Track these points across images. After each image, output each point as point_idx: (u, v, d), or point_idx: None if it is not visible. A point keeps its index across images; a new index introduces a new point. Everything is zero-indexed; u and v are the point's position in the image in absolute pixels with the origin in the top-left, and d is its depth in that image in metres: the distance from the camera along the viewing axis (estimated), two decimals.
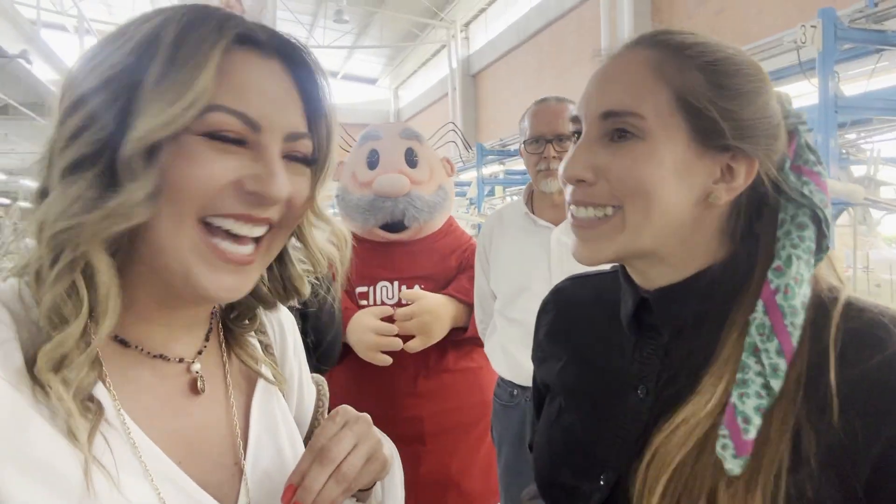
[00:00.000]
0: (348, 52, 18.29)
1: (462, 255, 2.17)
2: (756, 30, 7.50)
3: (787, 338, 0.59)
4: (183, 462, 0.58)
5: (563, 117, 1.76)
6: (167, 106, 0.52)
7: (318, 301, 1.65)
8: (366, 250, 2.14)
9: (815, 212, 0.63)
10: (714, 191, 0.64)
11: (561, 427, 0.77)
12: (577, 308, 0.85)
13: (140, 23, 0.56)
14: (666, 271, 0.68)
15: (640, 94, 0.64)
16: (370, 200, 2.07)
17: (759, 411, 0.58)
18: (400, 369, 2.00)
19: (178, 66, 0.53)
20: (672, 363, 0.68)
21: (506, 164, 5.97)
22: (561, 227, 1.79)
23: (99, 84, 0.53)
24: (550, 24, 11.68)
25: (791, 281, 0.60)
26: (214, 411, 0.64)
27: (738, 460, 0.57)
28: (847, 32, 2.59)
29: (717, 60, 0.64)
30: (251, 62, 0.57)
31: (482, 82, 15.08)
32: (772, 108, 0.65)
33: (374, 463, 0.64)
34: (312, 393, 0.80)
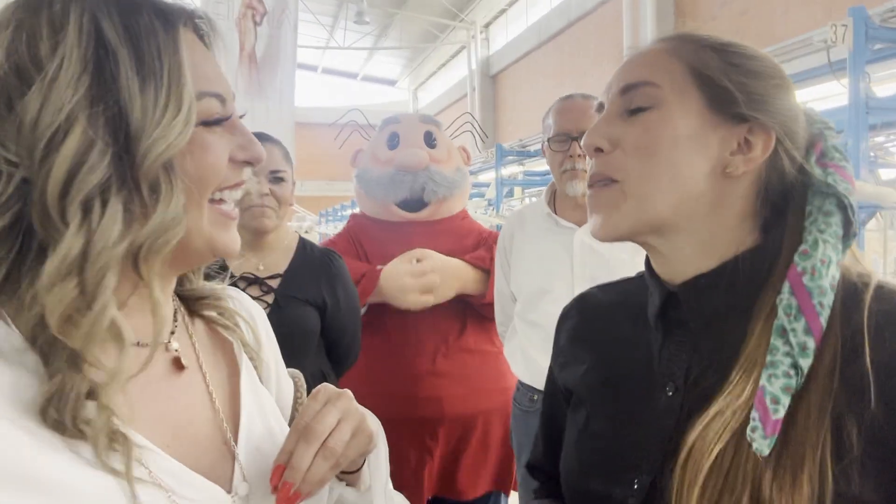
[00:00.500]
0: (368, 53, 18.35)
1: (479, 237, 2.21)
2: (781, 31, 7.39)
3: (816, 317, 0.59)
4: (171, 446, 0.57)
5: (590, 114, 1.72)
6: (171, 119, 0.52)
7: (336, 297, 1.65)
8: (382, 230, 2.18)
9: (840, 199, 0.63)
10: (731, 162, 0.66)
11: (589, 434, 0.76)
12: (600, 313, 0.84)
13: (54, 21, 0.51)
14: (690, 254, 0.68)
15: (655, 68, 0.69)
16: (391, 175, 2.12)
17: (786, 391, 0.57)
18: (419, 347, 2.01)
19: (153, 68, 0.53)
20: (701, 358, 0.67)
21: (525, 165, 5.92)
22: (584, 227, 1.76)
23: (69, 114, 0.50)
24: (571, 24, 11.60)
25: (818, 262, 0.61)
26: (196, 392, 0.64)
27: (766, 440, 0.56)
28: (878, 32, 2.53)
29: (731, 43, 0.69)
30: (189, 37, 0.58)
31: (502, 83, 15.03)
32: (791, 96, 0.68)
33: (360, 436, 0.64)
34: (290, 385, 0.80)
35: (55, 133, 0.49)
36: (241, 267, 1.65)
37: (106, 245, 0.50)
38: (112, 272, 0.51)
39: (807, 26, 6.98)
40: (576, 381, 0.81)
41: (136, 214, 0.52)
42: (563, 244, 1.77)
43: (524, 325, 1.80)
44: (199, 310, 0.70)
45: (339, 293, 1.70)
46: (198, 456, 0.60)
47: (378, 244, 2.17)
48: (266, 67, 5.05)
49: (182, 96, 0.54)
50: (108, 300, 0.51)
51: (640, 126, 0.67)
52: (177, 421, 0.60)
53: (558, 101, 1.79)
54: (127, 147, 0.52)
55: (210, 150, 0.57)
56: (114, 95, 0.51)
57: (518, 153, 5.78)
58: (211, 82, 0.58)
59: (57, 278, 0.48)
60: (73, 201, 0.49)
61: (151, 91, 0.52)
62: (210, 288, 0.71)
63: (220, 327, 0.71)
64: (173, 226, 0.54)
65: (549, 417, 0.90)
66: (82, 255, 0.49)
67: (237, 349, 0.71)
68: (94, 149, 0.50)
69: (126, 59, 0.52)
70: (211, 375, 0.66)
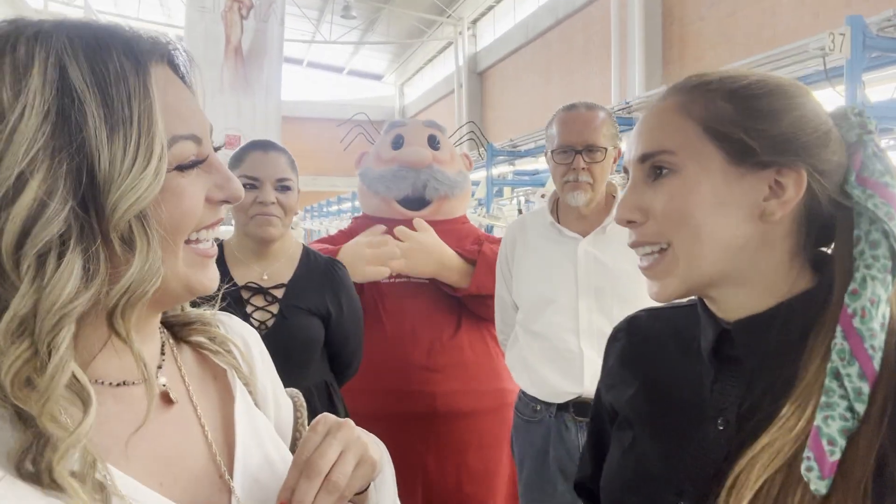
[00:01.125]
0: (354, 47, 18.24)
1: (478, 240, 2.22)
2: (768, 33, 7.44)
3: (869, 361, 0.59)
4: (164, 485, 0.56)
5: (594, 126, 1.70)
6: (140, 169, 0.50)
7: (340, 306, 1.65)
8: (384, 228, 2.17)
9: (884, 227, 0.62)
10: (766, 208, 0.66)
11: (635, 455, 0.77)
12: (650, 339, 0.84)
13: (17, 67, 0.49)
14: (745, 299, 0.69)
15: (667, 133, 0.69)
16: (393, 171, 2.16)
17: (843, 433, 0.58)
18: (413, 341, 2.01)
19: (122, 116, 0.50)
20: (753, 394, 0.68)
21: (515, 165, 5.91)
22: (589, 238, 1.74)
23: (27, 165, 0.47)
24: (560, 22, 11.60)
25: (867, 303, 0.61)
26: (188, 426, 0.62)
27: (823, 482, 0.57)
28: (875, 41, 2.54)
29: (741, 87, 0.68)
30: (163, 75, 0.55)
31: (489, 80, 15.01)
32: (812, 120, 0.66)
33: (364, 466, 0.62)
34: (289, 405, 0.78)
35: (11, 186, 0.47)
36: (246, 276, 1.63)
37: (58, 301, 0.47)
38: (67, 329, 0.48)
39: (795, 28, 7.05)
40: (623, 402, 0.82)
41: (100, 269, 0.50)
42: (566, 254, 1.75)
43: (526, 335, 1.79)
44: (187, 336, 0.68)
45: (343, 302, 1.68)
46: (193, 492, 0.58)
47: None
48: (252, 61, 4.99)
49: (153, 144, 0.51)
50: (66, 358, 0.48)
51: (664, 194, 0.68)
52: (169, 458, 0.58)
53: (562, 111, 1.77)
54: (94, 199, 0.50)
55: (185, 195, 0.55)
56: (79, 145, 0.49)
57: (509, 153, 5.76)
58: (186, 123, 0.56)
59: (8, 339, 0.47)
60: (26, 255, 0.47)
61: (120, 140, 0.50)
62: (197, 313, 0.69)
63: (211, 353, 0.69)
64: (149, 278, 0.52)
65: (596, 437, 0.91)
66: (33, 312, 0.47)
67: (230, 376, 0.69)
68: (52, 201, 0.48)
69: (93, 106, 0.49)
70: (202, 406, 0.64)
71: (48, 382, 0.47)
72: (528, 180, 6.26)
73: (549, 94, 11.93)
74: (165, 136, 0.53)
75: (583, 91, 10.55)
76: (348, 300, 1.70)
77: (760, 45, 7.34)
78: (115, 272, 0.51)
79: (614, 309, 1.68)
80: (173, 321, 0.68)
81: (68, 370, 0.48)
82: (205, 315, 0.70)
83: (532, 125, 11.19)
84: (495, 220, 5.27)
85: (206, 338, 0.69)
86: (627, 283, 1.68)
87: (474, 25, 15.39)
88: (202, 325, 0.69)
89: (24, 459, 0.47)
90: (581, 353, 1.68)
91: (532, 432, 1.77)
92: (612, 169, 1.78)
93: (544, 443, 1.74)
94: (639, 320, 0.88)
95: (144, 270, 0.51)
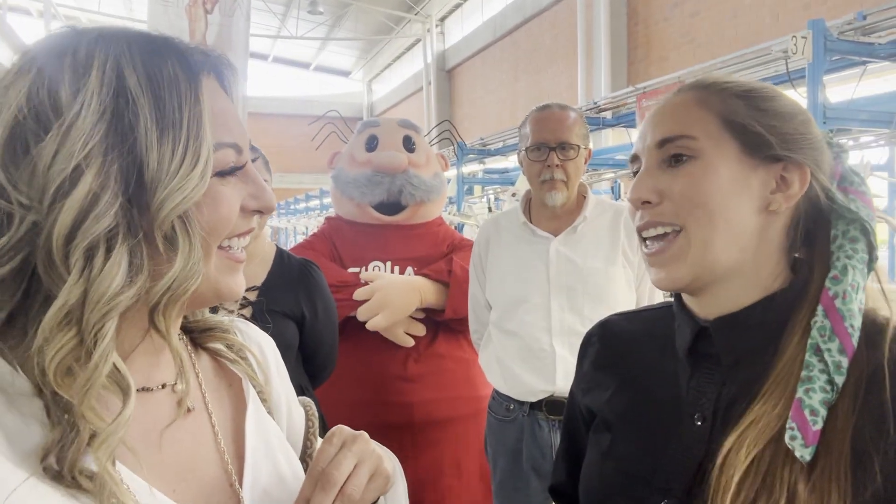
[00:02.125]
0: (321, 43, 18.06)
1: (453, 245, 2.19)
2: (731, 33, 7.59)
3: (848, 338, 0.63)
4: (177, 491, 0.56)
5: (567, 124, 1.71)
6: (187, 171, 0.52)
7: (315, 308, 1.62)
8: (357, 232, 2.14)
9: (864, 225, 0.68)
10: (773, 200, 0.70)
11: (615, 458, 0.78)
12: (625, 340, 0.85)
13: (77, 68, 0.51)
14: (734, 294, 0.71)
15: (688, 121, 0.72)
16: (368, 176, 2.09)
17: (824, 404, 0.61)
18: (390, 352, 1.98)
19: (173, 119, 0.53)
20: (730, 389, 0.70)
21: (485, 163, 5.93)
22: (560, 237, 1.75)
23: (81, 161, 0.49)
24: (527, 21, 11.67)
25: (848, 287, 0.65)
26: (202, 433, 0.63)
27: (807, 449, 0.60)
28: (836, 44, 2.61)
29: (753, 89, 0.72)
30: (211, 86, 0.58)
31: (457, 78, 15.02)
32: (814, 128, 0.72)
33: (378, 479, 0.64)
34: (301, 415, 0.79)
35: (66, 178, 0.49)
36: None
37: (106, 293, 0.49)
38: (112, 321, 0.50)
39: (755, 29, 7.21)
40: (600, 404, 0.83)
41: (144, 265, 0.52)
42: (538, 253, 1.76)
43: (500, 335, 1.79)
44: (204, 342, 0.69)
45: (318, 305, 1.66)
46: (204, 498, 0.59)
47: (353, 247, 2.13)
48: None
49: (200, 149, 0.54)
50: (109, 349, 0.49)
51: (684, 177, 0.70)
52: (182, 465, 0.59)
53: (536, 111, 1.78)
54: (141, 198, 0.51)
55: (223, 202, 0.57)
56: (130, 145, 0.51)
57: (479, 151, 5.77)
58: (230, 132, 0.58)
59: (56, 328, 0.48)
60: (76, 248, 0.48)
61: (169, 142, 0.52)
62: (216, 320, 0.70)
63: (227, 361, 0.70)
64: (191, 276, 0.53)
65: (570, 441, 0.91)
66: (81, 303, 0.48)
67: (245, 384, 0.69)
68: (104, 197, 0.49)
69: (146, 108, 0.52)
70: (216, 414, 0.65)
71: (91, 371, 0.48)
72: (497, 179, 6.28)
73: (517, 92, 11.99)
74: (211, 142, 0.55)
75: (550, 89, 10.63)
76: (323, 302, 1.68)
77: (723, 46, 7.49)
78: (158, 270, 0.52)
79: (585, 308, 1.70)
80: (192, 327, 0.69)
81: (111, 361, 0.49)
82: (223, 322, 0.71)
83: (500, 123, 11.24)
84: (466, 219, 5.28)
85: (224, 345, 0.70)
86: (598, 281, 1.71)
87: (442, 23, 15.38)
88: (221, 331, 0.70)
89: (48, 457, 0.47)
90: (553, 351, 1.69)
91: (505, 431, 1.78)
92: (583, 169, 1.79)
93: (517, 442, 1.75)
94: (612, 324, 0.89)
95: (187, 269, 0.53)
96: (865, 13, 2.69)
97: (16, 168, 0.49)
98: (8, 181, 0.49)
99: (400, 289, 1.95)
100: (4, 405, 0.49)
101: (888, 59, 2.82)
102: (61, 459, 0.47)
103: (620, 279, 1.72)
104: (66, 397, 0.48)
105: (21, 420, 0.49)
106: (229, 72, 0.61)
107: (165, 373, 0.61)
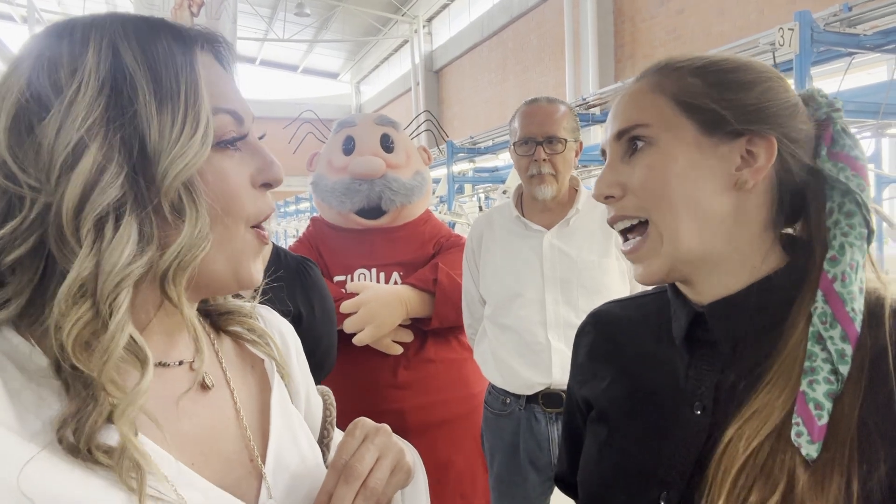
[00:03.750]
0: (309, 45, 18.02)
1: (439, 243, 2.14)
2: (718, 30, 7.64)
3: (851, 324, 0.60)
4: (196, 464, 0.57)
5: (554, 118, 1.71)
6: (188, 138, 0.53)
7: (312, 306, 1.60)
8: (342, 238, 2.11)
9: (856, 197, 0.64)
10: (739, 177, 0.66)
11: (613, 449, 0.76)
12: (620, 329, 0.83)
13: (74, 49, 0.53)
14: (722, 278, 0.69)
15: (641, 109, 0.70)
16: (346, 184, 2.04)
17: (829, 396, 0.59)
18: (380, 360, 1.96)
19: (170, 89, 0.53)
20: (729, 376, 0.67)
21: (475, 162, 5.93)
22: (553, 230, 1.75)
23: (83, 135, 0.50)
24: (514, 20, 11.69)
25: (847, 268, 0.62)
26: (222, 409, 0.63)
27: (814, 445, 0.58)
28: (823, 35, 2.63)
29: (709, 63, 0.69)
30: (207, 60, 0.59)
31: (445, 78, 15.03)
32: (781, 93, 0.67)
33: (399, 473, 0.64)
34: (319, 403, 0.80)
35: (70, 153, 0.50)
36: None
37: (118, 263, 0.49)
38: (126, 292, 0.50)
39: (741, 25, 7.25)
40: (597, 395, 0.81)
41: (153, 235, 0.52)
42: (532, 247, 1.76)
43: (495, 329, 1.79)
44: (225, 325, 0.70)
45: (315, 303, 1.64)
46: (224, 473, 0.59)
47: (337, 253, 2.10)
48: None
49: (199, 115, 0.54)
50: (125, 320, 0.50)
51: (642, 168, 0.69)
52: (203, 438, 0.60)
53: (524, 105, 1.78)
54: (145, 168, 0.52)
55: (229, 176, 0.57)
56: (130, 117, 0.52)
57: (469, 150, 5.77)
58: (227, 100, 0.58)
59: (71, 301, 0.48)
60: (85, 221, 0.49)
61: (168, 112, 0.53)
62: (235, 304, 0.71)
63: (249, 344, 0.71)
64: (199, 243, 0.54)
65: (570, 433, 0.90)
66: (94, 275, 0.49)
67: (269, 367, 0.70)
68: (109, 169, 0.50)
69: (143, 80, 0.52)
70: (239, 392, 0.65)
71: (108, 342, 0.49)
72: (488, 177, 6.29)
73: (506, 91, 12.01)
74: (209, 108, 0.55)
75: (538, 88, 10.65)
76: (320, 300, 1.66)
77: (709, 42, 7.54)
78: (166, 239, 0.53)
79: (580, 300, 1.70)
80: (212, 310, 0.69)
81: (127, 331, 0.50)
82: (244, 307, 0.71)
83: (489, 122, 11.24)
84: (457, 217, 5.27)
85: (245, 328, 0.71)
86: (592, 273, 1.71)
87: (429, 24, 15.38)
88: (240, 315, 0.70)
89: (66, 428, 0.48)
90: (549, 344, 1.69)
91: (502, 426, 1.78)
92: (574, 162, 1.79)
93: (514, 436, 1.74)
94: (605, 312, 0.87)
95: (194, 236, 0.53)
96: (851, 4, 2.72)
97: (22, 150, 0.50)
98: (16, 164, 0.50)
99: (386, 302, 1.91)
100: (22, 382, 0.49)
101: (874, 50, 2.84)
102: (78, 431, 0.48)
103: (614, 271, 1.72)
104: (86, 371, 0.48)
105: (38, 396, 0.49)
106: (224, 47, 0.62)
107: (183, 351, 0.62)
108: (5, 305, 0.51)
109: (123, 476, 0.48)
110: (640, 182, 0.68)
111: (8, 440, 0.46)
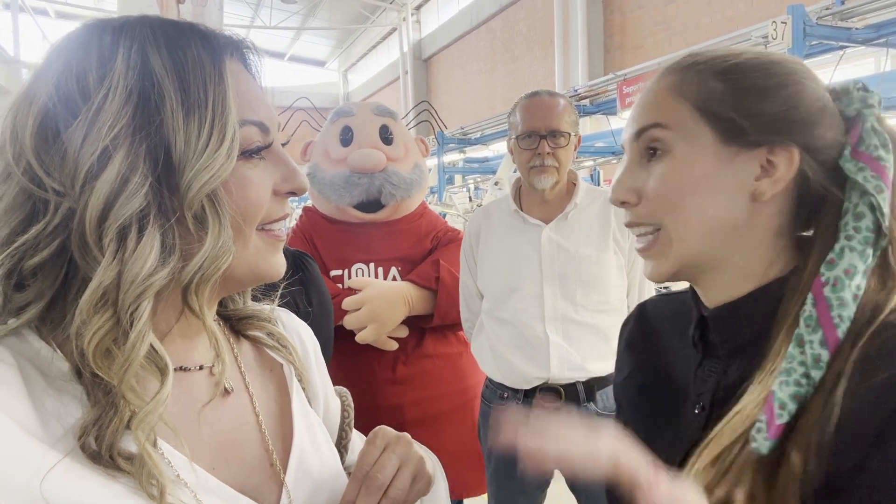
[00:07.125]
0: (296, 33, 17.84)
1: (436, 237, 2.12)
2: (707, 20, 7.65)
3: (833, 329, 0.59)
4: (216, 469, 0.57)
5: (557, 112, 1.71)
6: (214, 149, 0.52)
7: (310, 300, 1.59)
8: (339, 232, 2.07)
9: (870, 199, 0.61)
10: (758, 188, 0.65)
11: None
12: (654, 321, 0.85)
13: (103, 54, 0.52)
14: (728, 283, 0.69)
15: (661, 110, 0.69)
16: (345, 177, 2.00)
17: (795, 399, 0.58)
18: (378, 356, 1.95)
19: (198, 99, 0.53)
20: (729, 382, 0.67)
21: (465, 153, 5.91)
22: (551, 224, 1.76)
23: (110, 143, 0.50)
24: (503, 9, 11.64)
25: (841, 273, 0.60)
26: (242, 414, 0.63)
27: (767, 442, 0.58)
28: (815, 29, 2.64)
29: (732, 66, 0.66)
30: (236, 67, 0.58)
31: (434, 67, 14.96)
32: (807, 97, 0.64)
33: (420, 482, 0.64)
34: (337, 405, 0.80)
35: (96, 161, 0.49)
36: None
37: (140, 274, 0.49)
38: (147, 301, 0.50)
39: (730, 16, 7.27)
40: (616, 386, 0.84)
41: (176, 245, 0.52)
42: (530, 241, 1.76)
43: (493, 323, 1.79)
44: (244, 330, 0.70)
45: (313, 298, 1.63)
46: (245, 478, 0.59)
47: (333, 247, 2.06)
48: None
49: (226, 127, 0.54)
50: (145, 329, 0.50)
51: (656, 176, 0.68)
52: (223, 443, 0.59)
53: (525, 98, 1.77)
54: (170, 178, 0.52)
55: (251, 185, 0.57)
56: (157, 126, 0.51)
57: (459, 141, 5.76)
58: (254, 111, 0.58)
59: (93, 309, 0.48)
60: (109, 229, 0.49)
61: (195, 122, 0.52)
62: (255, 308, 0.70)
63: (268, 348, 0.70)
64: (222, 255, 0.54)
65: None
66: (116, 284, 0.49)
67: (287, 371, 0.70)
68: (134, 177, 0.50)
69: (171, 90, 0.52)
70: (258, 396, 0.65)
71: (129, 351, 0.49)
72: (478, 168, 6.28)
73: (494, 81, 11.97)
74: (237, 120, 0.55)
75: (527, 78, 10.63)
76: (318, 295, 1.65)
77: (699, 32, 7.56)
78: (189, 251, 0.53)
79: (578, 294, 1.70)
80: (231, 314, 0.69)
81: (147, 341, 0.50)
82: (263, 311, 0.71)
83: (478, 112, 11.20)
84: (447, 208, 5.27)
85: (264, 333, 0.70)
86: (589, 268, 1.71)
87: (418, 11, 15.28)
88: (259, 320, 0.70)
89: (89, 435, 0.48)
90: (547, 338, 1.70)
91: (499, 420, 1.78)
92: (573, 156, 1.79)
93: None
94: (649, 305, 0.88)
95: (217, 248, 0.53)
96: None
97: (48, 155, 0.50)
98: (42, 169, 0.50)
99: (390, 300, 1.90)
100: (43, 387, 0.49)
101: (865, 43, 2.86)
102: (100, 438, 0.48)
103: (612, 265, 1.73)
104: (106, 378, 0.48)
105: (60, 402, 0.49)
106: (253, 54, 0.62)
107: (203, 355, 0.62)
108: (26, 309, 0.51)
109: (144, 483, 0.48)
110: (655, 191, 0.68)
111: (31, 446, 0.46)
